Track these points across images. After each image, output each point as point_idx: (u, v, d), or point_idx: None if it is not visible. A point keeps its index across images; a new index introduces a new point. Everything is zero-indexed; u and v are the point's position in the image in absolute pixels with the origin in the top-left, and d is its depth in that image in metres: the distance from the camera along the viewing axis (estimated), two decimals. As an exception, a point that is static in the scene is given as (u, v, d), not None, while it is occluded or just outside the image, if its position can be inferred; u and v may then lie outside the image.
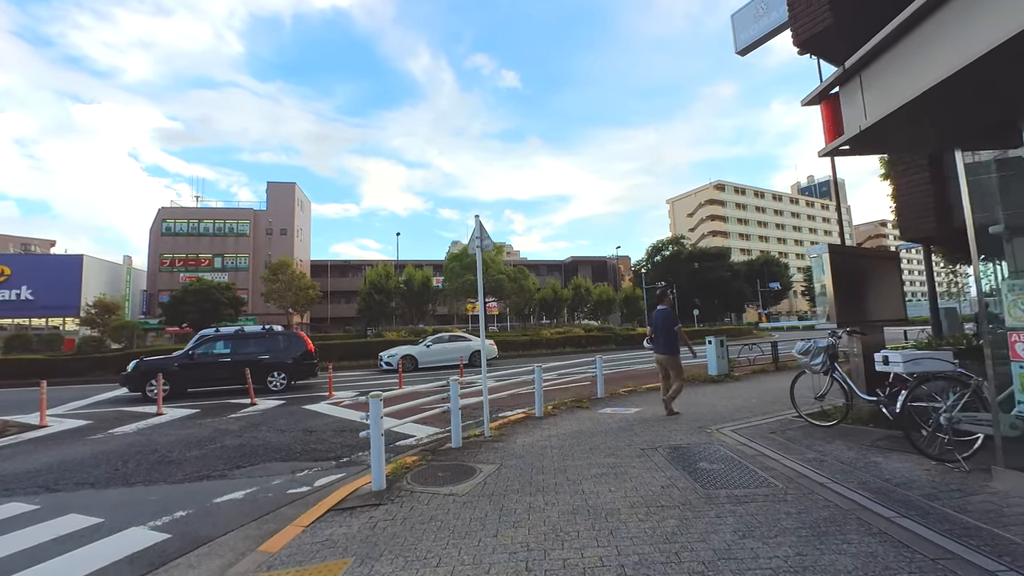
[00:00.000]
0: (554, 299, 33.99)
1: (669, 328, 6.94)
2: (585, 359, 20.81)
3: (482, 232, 6.43)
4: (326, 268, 56.24)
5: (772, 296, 72.08)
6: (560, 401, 8.69)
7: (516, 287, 30.26)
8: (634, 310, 38.93)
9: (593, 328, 32.17)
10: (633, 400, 8.81)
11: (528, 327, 35.74)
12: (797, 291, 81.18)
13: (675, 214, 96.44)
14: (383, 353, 18.53)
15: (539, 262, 63.95)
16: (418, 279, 26.90)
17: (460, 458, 5.19)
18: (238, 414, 9.56)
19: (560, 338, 26.70)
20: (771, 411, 7.04)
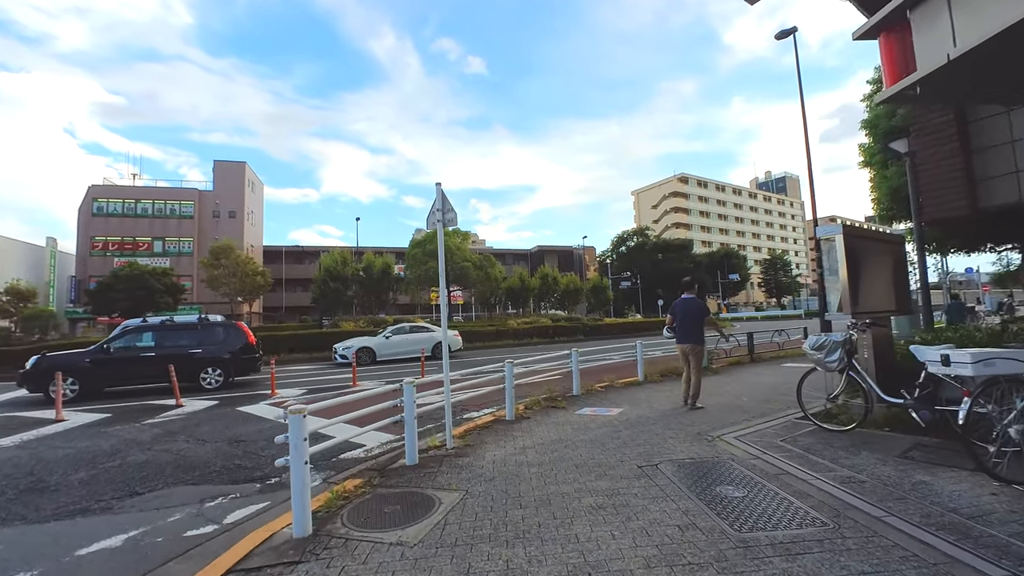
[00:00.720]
0: (521, 288, 33.11)
1: (698, 317, 6.83)
2: (555, 351, 20.07)
3: (444, 203, 5.32)
4: (280, 254, 53.21)
5: (731, 287, 74.08)
6: (533, 400, 7.76)
7: (482, 275, 29.15)
8: (601, 300, 38.62)
9: (561, 318, 31.52)
10: (612, 398, 7.97)
11: (494, 317, 34.77)
12: (754, 283, 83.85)
13: (640, 205, 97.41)
14: (338, 345, 17.10)
15: (505, 251, 62.92)
16: (377, 266, 25.31)
17: (415, 481, 4.14)
18: (156, 419, 8.12)
19: (527, 328, 25.86)
20: (768, 412, 6.34)
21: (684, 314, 6.92)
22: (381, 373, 14.10)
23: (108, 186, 42.93)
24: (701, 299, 7.17)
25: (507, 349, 22.15)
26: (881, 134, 10.54)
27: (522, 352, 19.83)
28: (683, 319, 6.91)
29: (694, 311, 6.89)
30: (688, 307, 6.92)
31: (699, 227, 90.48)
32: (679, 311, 6.99)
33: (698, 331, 6.84)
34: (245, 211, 45.32)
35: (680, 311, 6.98)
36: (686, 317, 6.89)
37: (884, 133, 10.50)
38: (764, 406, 6.72)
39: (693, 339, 6.81)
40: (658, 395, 8.07)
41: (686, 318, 6.88)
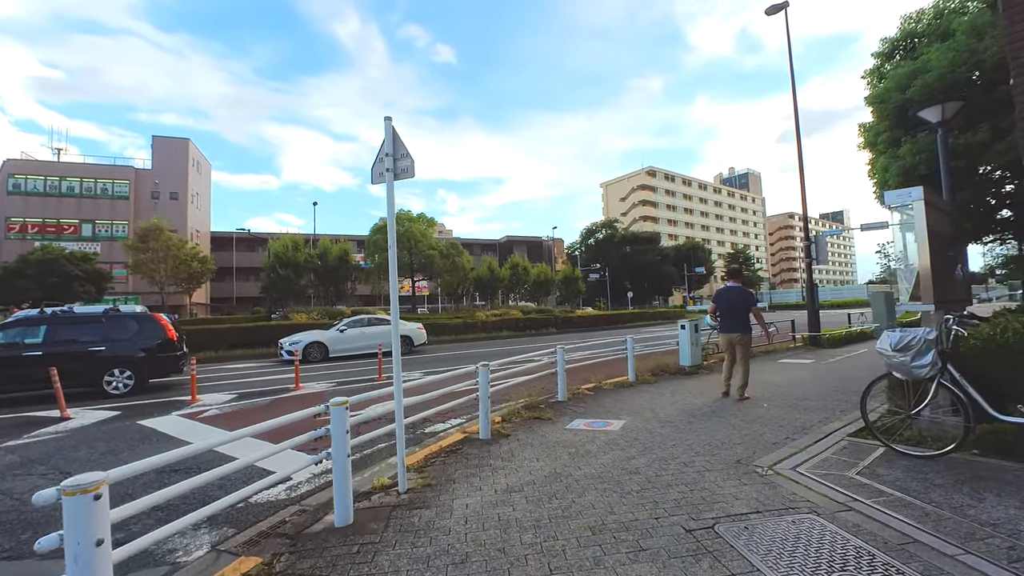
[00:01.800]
0: (490, 278, 31.57)
1: (745, 306, 6.64)
2: (527, 344, 18.70)
3: (395, 146, 3.75)
4: (231, 241, 49.52)
5: (696, 280, 75.02)
6: (511, 409, 6.33)
7: (448, 264, 27.41)
8: (572, 291, 37.60)
9: (532, 310, 30.22)
10: (606, 405, 6.63)
11: (462, 309, 33.12)
12: (717, 276, 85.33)
13: (608, 198, 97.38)
14: (284, 340, 15.11)
15: (473, 241, 61.10)
16: (334, 252, 23.10)
17: (341, 566, 2.60)
18: (22, 439, 6.22)
19: (497, 321, 24.41)
20: (807, 425, 5.13)
21: (729, 303, 6.71)
22: (333, 372, 12.32)
23: (27, 161, 38.26)
24: (747, 288, 7.01)
25: (475, 343, 20.64)
26: (893, 108, 9.60)
27: (492, 346, 18.37)
28: (728, 308, 6.69)
29: (740, 300, 6.67)
30: (733, 296, 6.72)
31: (666, 220, 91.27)
32: (723, 300, 6.76)
33: (744, 320, 6.60)
34: (189, 192, 41.57)
35: (725, 300, 6.76)
36: (731, 306, 6.69)
37: (896, 107, 9.56)
38: (795, 416, 5.52)
39: (740, 328, 6.58)
40: (659, 399, 6.79)
41: (731, 307, 6.68)
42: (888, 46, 10.65)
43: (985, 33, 8.44)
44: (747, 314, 6.65)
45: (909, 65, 9.44)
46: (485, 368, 5.33)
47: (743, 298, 6.73)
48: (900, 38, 10.44)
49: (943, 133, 7.26)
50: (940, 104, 7.16)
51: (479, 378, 5.30)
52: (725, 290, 6.90)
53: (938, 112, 7.22)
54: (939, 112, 7.21)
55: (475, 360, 6.00)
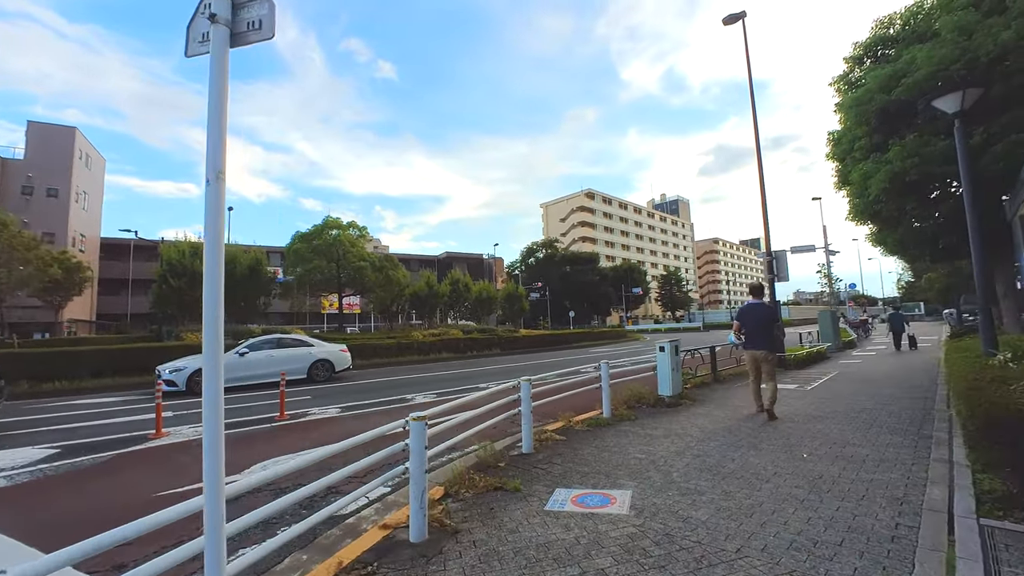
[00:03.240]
0: (428, 295, 29.11)
1: (771, 323, 6.64)
2: (471, 368, 16.61)
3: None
4: (128, 249, 43.18)
5: (633, 300, 76.59)
6: (458, 472, 4.35)
7: (382, 278, 24.70)
8: (515, 310, 35.99)
9: (473, 329, 28.14)
10: (588, 457, 4.81)
11: (396, 328, 30.36)
12: (651, 297, 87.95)
13: (548, 218, 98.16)
14: (163, 367, 11.99)
15: (411, 256, 58.15)
16: (244, 262, 19.72)
17: None
18: None
19: (435, 341, 22.09)
20: (894, 491, 3.58)
21: (755, 320, 6.64)
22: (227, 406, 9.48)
23: None
24: (771, 304, 7.33)
25: (411, 366, 18.21)
26: (875, 111, 8.90)
27: (430, 370, 16.08)
28: (754, 325, 6.64)
29: (765, 316, 6.64)
30: (759, 312, 6.67)
31: (604, 241, 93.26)
32: (749, 317, 6.69)
33: (770, 336, 6.61)
34: (72, 190, 35.55)
35: (750, 317, 6.68)
36: (757, 323, 6.63)
37: (879, 109, 8.86)
38: (860, 474, 3.99)
39: (766, 345, 6.56)
40: (655, 447, 5.09)
41: (757, 324, 6.63)
42: (860, 50, 10.15)
43: (974, 31, 7.91)
44: (772, 330, 6.63)
45: (889, 67, 8.83)
46: (419, 424, 3.30)
47: (768, 315, 6.67)
48: (872, 43, 9.96)
49: (961, 124, 6.34)
50: (961, 90, 6.24)
51: (410, 440, 3.27)
52: (750, 307, 6.77)
53: (957, 100, 6.28)
54: (958, 100, 6.28)
55: (409, 388, 4.08)
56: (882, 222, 9.67)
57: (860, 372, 10.84)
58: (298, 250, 22.83)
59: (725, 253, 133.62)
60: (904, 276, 67.31)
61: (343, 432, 6.97)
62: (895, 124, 8.76)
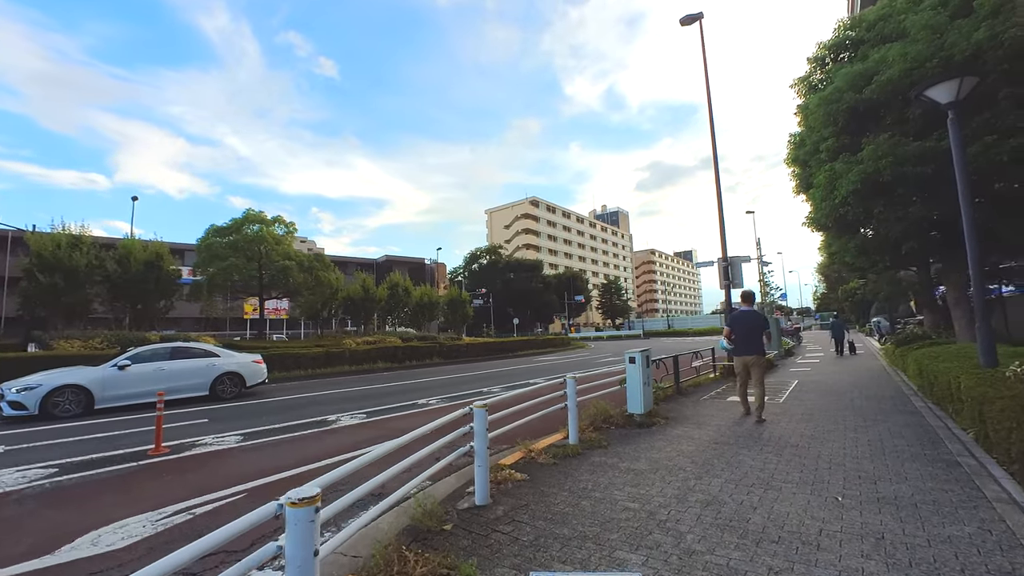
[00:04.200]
0: (364, 299, 26.78)
1: (759, 329, 6.67)
2: (408, 380, 14.94)
3: None
4: (4, 240, 36.99)
5: (575, 308, 77.28)
6: (382, 547, 2.91)
7: (310, 280, 22.23)
8: (459, 316, 34.33)
9: (412, 337, 26.25)
10: (562, 508, 3.57)
11: (327, 335, 27.76)
12: (593, 305, 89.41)
13: (492, 224, 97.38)
14: (9, 385, 9.46)
15: (348, 259, 54.76)
16: (140, 256, 16.64)
17: None
18: None
19: (370, 350, 20.12)
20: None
21: (746, 326, 6.72)
22: (71, 441, 7.36)
23: None
24: (761, 313, 7.12)
25: (341, 378, 16.21)
26: (844, 110, 8.51)
27: (362, 383, 14.22)
28: (745, 331, 6.73)
29: (756, 323, 6.73)
30: (749, 319, 6.77)
31: (547, 249, 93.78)
32: (740, 323, 6.78)
33: (759, 342, 6.71)
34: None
35: (741, 323, 6.76)
36: (748, 329, 6.72)
37: (848, 109, 8.49)
38: (915, 527, 3.04)
39: (756, 351, 6.71)
40: (646, 486, 3.94)
41: (748, 330, 6.72)
42: (824, 50, 9.89)
43: (945, 31, 7.68)
44: (762, 337, 6.70)
45: (860, 65, 8.51)
46: (307, 511, 1.88)
47: (759, 322, 6.75)
48: (835, 43, 9.72)
49: (955, 116, 5.82)
50: (958, 78, 5.73)
51: (286, 541, 1.83)
52: (741, 314, 6.89)
53: (952, 90, 5.76)
54: (953, 89, 5.75)
55: (333, 406, 2.87)
56: (845, 227, 9.36)
57: (819, 381, 10.52)
58: (212, 245, 19.90)
59: (661, 264, 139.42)
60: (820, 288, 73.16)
61: (238, 472, 5.30)
62: (864, 124, 8.43)
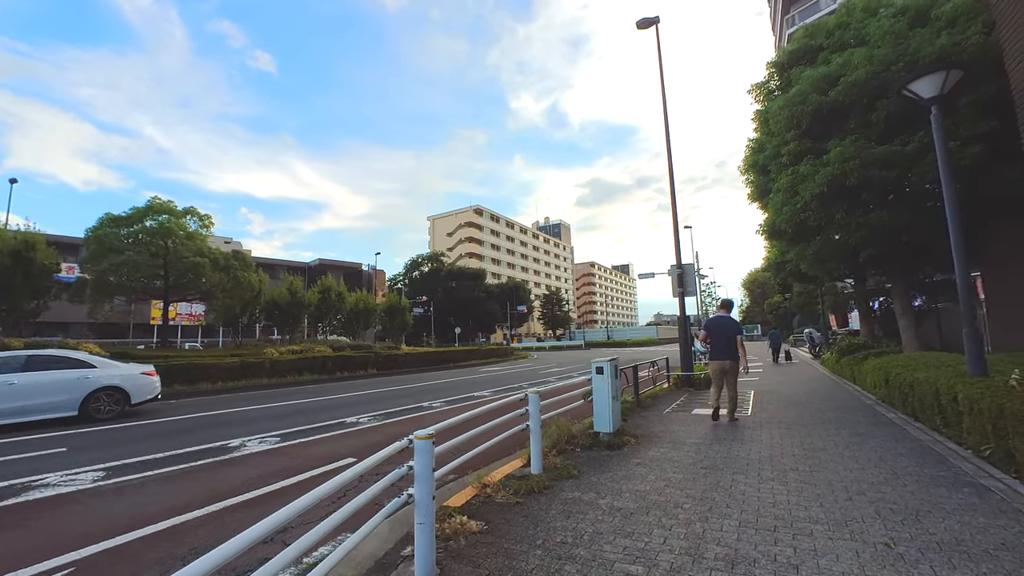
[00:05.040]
0: (291, 304, 24.30)
1: (733, 335, 6.95)
2: (339, 394, 13.23)
3: None
4: None
5: (517, 318, 76.90)
6: None
7: (227, 281, 19.68)
8: (397, 324, 32.36)
9: (346, 346, 24.15)
10: (532, 572, 2.51)
11: (249, 344, 24.93)
12: (535, 315, 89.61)
13: (435, 232, 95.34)
14: None
15: (276, 261, 50.73)
16: (7, 244, 13.55)
17: None
18: None
19: (295, 360, 18.03)
20: None
21: (722, 331, 7.00)
22: None
23: None
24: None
25: (256, 393, 14.17)
26: (809, 112, 8.29)
27: (282, 398, 12.36)
28: (721, 336, 6.97)
29: (730, 329, 7.00)
30: (726, 325, 7.05)
31: (490, 259, 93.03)
32: (716, 328, 7.08)
33: (734, 348, 6.88)
34: None
35: (718, 328, 7.06)
36: (724, 334, 6.96)
37: (813, 111, 8.27)
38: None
39: (730, 355, 6.90)
40: (648, 537, 2.97)
41: (724, 335, 6.95)
42: (784, 56, 9.78)
43: (906, 36, 7.64)
44: (735, 342, 6.88)
45: (824, 68, 8.35)
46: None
47: (734, 328, 7.01)
48: (796, 50, 9.62)
49: (938, 112, 5.53)
50: (943, 71, 5.42)
51: None
52: (718, 320, 7.18)
53: (937, 83, 5.43)
54: (939, 83, 5.43)
55: (238, 428, 2.53)
56: (804, 233, 9.16)
57: (775, 391, 10.27)
58: (104, 237, 16.91)
59: (600, 276, 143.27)
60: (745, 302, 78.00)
61: (76, 530, 3.78)
62: (827, 128, 8.26)
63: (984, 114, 6.63)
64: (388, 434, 7.63)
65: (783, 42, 35.85)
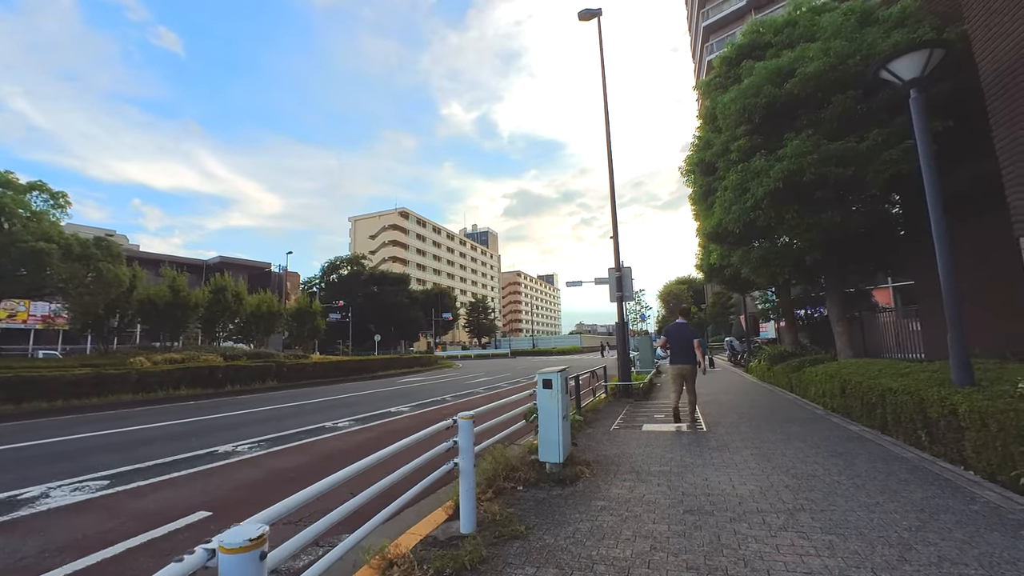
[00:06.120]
0: (174, 304, 20.56)
1: (691, 340, 7.13)
2: (222, 416, 10.80)
3: None
4: None
5: (442, 326, 74.56)
6: None
7: (81, 273, 15.97)
8: (308, 330, 29.08)
9: (241, 354, 20.97)
10: None
11: (110, 352, 20.75)
12: (461, 323, 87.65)
13: (357, 233, 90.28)
14: None
15: (167, 257, 44.38)
16: None
17: None
18: None
19: (172, 370, 15.00)
20: None
21: (681, 337, 7.18)
22: None
23: None
24: (693, 325, 7.71)
25: (113, 412, 11.30)
26: (763, 105, 7.80)
27: (139, 421, 9.76)
28: (680, 341, 7.16)
29: (689, 335, 7.18)
30: (684, 331, 7.23)
31: (416, 264, 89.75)
32: (675, 335, 7.24)
33: (691, 352, 7.08)
34: None
35: (676, 335, 7.23)
36: (683, 340, 7.16)
37: (766, 104, 7.79)
38: None
39: (689, 360, 7.09)
40: None
41: (683, 341, 7.15)
42: (733, 51, 9.38)
43: (859, 33, 7.39)
44: (693, 347, 7.05)
45: (776, 61, 7.94)
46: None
47: (692, 334, 7.18)
48: (745, 45, 9.26)
49: (917, 95, 5.02)
50: (927, 50, 4.91)
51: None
52: (676, 326, 7.34)
53: (919, 63, 4.91)
54: (920, 63, 4.92)
55: (50, 469, 1.21)
56: (753, 235, 8.72)
57: (716, 401, 9.72)
58: None
59: (526, 286, 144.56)
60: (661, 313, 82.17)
61: None
62: (778, 124, 7.85)
63: (939, 114, 6.43)
64: (271, 469, 5.85)
65: (703, 68, 38.04)
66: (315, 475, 5.42)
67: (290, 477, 5.48)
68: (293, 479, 5.40)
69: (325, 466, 5.86)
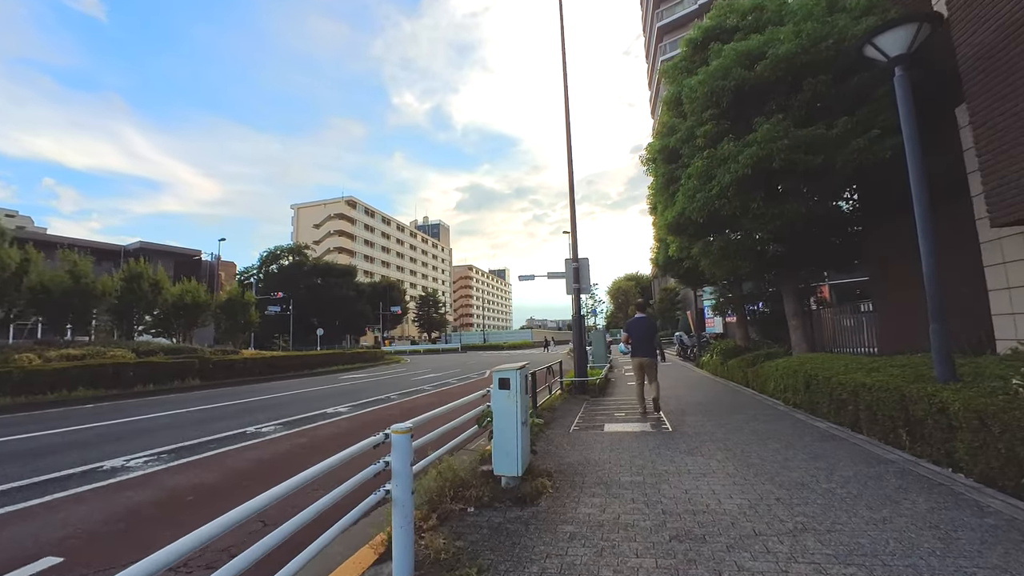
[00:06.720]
0: (73, 291, 17.97)
1: (652, 334, 7.55)
2: (123, 421, 9.26)
3: None
4: None
5: (390, 320, 72.22)
6: None
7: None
8: (239, 324, 26.69)
9: (160, 350, 18.77)
10: None
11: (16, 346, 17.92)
12: (410, 317, 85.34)
13: (300, 221, 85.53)
14: None
15: (74, 240, 39.60)
16: None
17: None
18: None
19: (69, 368, 13.02)
20: None
21: (642, 331, 7.51)
22: None
23: None
24: (652, 319, 8.19)
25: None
26: (731, 89, 7.44)
27: (11, 431, 8.12)
28: (641, 335, 7.48)
29: (649, 329, 7.58)
30: (643, 325, 7.57)
31: (363, 256, 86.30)
32: (636, 329, 7.54)
33: (652, 345, 7.47)
34: None
35: (637, 329, 7.53)
36: (643, 333, 7.50)
37: (735, 87, 7.44)
38: None
39: (650, 353, 7.43)
40: None
41: (643, 334, 7.49)
42: (700, 33, 9.01)
43: (830, 16, 7.16)
44: (654, 341, 7.51)
45: (744, 43, 7.61)
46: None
47: (652, 327, 7.65)
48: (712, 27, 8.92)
49: (902, 73, 4.72)
50: (915, 23, 4.60)
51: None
52: (636, 321, 7.63)
53: (906, 38, 4.60)
54: (907, 39, 4.60)
55: None
56: (716, 225, 8.40)
57: (675, 396, 9.41)
58: None
59: (478, 280, 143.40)
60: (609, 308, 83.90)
61: None
62: (745, 109, 7.54)
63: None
64: (165, 490, 4.76)
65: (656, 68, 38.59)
66: (221, 497, 4.44)
67: (187, 501, 4.44)
68: (191, 503, 4.37)
69: (235, 484, 4.85)
